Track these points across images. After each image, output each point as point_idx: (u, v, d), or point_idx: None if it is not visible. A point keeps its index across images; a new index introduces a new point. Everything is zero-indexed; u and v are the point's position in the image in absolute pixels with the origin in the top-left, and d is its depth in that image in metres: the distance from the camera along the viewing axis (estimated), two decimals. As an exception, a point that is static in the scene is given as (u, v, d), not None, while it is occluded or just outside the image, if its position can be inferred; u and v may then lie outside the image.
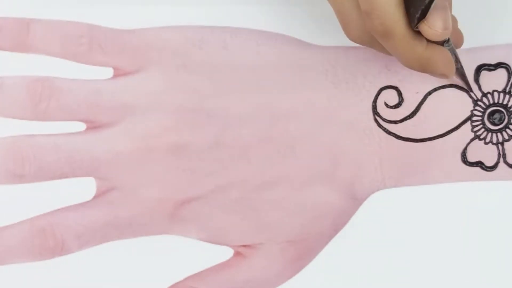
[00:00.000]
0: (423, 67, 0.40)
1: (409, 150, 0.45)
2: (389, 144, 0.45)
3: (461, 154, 0.45)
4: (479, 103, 0.45)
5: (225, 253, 0.45)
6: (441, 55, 0.40)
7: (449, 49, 0.41)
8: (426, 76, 0.42)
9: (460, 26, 0.43)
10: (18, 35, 0.45)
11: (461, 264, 0.45)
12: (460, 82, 0.45)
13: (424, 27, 0.38)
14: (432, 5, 0.37)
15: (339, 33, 0.41)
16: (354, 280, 0.45)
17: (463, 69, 0.43)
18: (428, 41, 0.39)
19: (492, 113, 0.45)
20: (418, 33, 0.38)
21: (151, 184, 0.44)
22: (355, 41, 0.40)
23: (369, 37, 0.39)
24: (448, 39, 0.40)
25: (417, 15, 0.37)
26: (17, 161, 0.44)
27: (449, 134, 0.45)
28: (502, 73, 0.45)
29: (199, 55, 0.45)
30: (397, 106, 0.45)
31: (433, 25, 0.38)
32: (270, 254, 0.45)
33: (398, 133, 0.45)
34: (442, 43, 0.40)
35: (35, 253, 0.44)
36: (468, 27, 0.45)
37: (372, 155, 0.45)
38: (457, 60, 0.42)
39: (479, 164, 0.45)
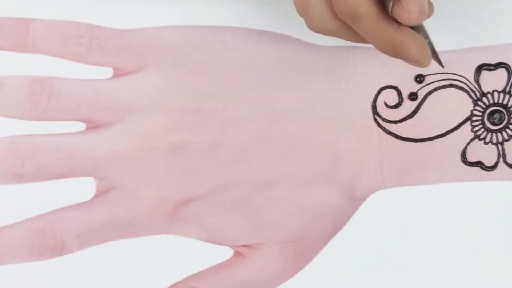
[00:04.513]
0: (396, 51, 0.37)
1: (409, 150, 0.45)
2: (389, 144, 0.45)
3: (461, 154, 0.45)
4: (479, 103, 0.45)
5: (225, 253, 0.45)
6: (414, 40, 0.37)
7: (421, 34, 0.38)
8: (426, 76, 0.42)
9: (460, 25, 0.42)
10: (18, 35, 0.45)
11: (461, 264, 0.45)
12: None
13: (397, 10, 0.36)
14: None
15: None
16: (354, 280, 0.45)
17: (436, 53, 0.40)
18: (399, 23, 0.37)
19: (492, 113, 0.45)
20: (387, 14, 0.37)
21: (151, 184, 0.44)
22: (318, 30, 0.39)
23: (334, 25, 0.38)
24: (421, 24, 0.38)
25: None
26: (17, 161, 0.44)
27: (449, 134, 0.45)
28: (502, 73, 0.45)
29: (198, 54, 0.45)
30: (397, 106, 0.45)
31: (407, 8, 0.36)
32: (270, 254, 0.45)
33: (398, 133, 0.45)
34: (414, 28, 0.38)
35: (35, 253, 0.44)
36: (468, 27, 0.45)
37: (372, 155, 0.45)
38: (430, 44, 0.39)
39: (479, 164, 0.45)
